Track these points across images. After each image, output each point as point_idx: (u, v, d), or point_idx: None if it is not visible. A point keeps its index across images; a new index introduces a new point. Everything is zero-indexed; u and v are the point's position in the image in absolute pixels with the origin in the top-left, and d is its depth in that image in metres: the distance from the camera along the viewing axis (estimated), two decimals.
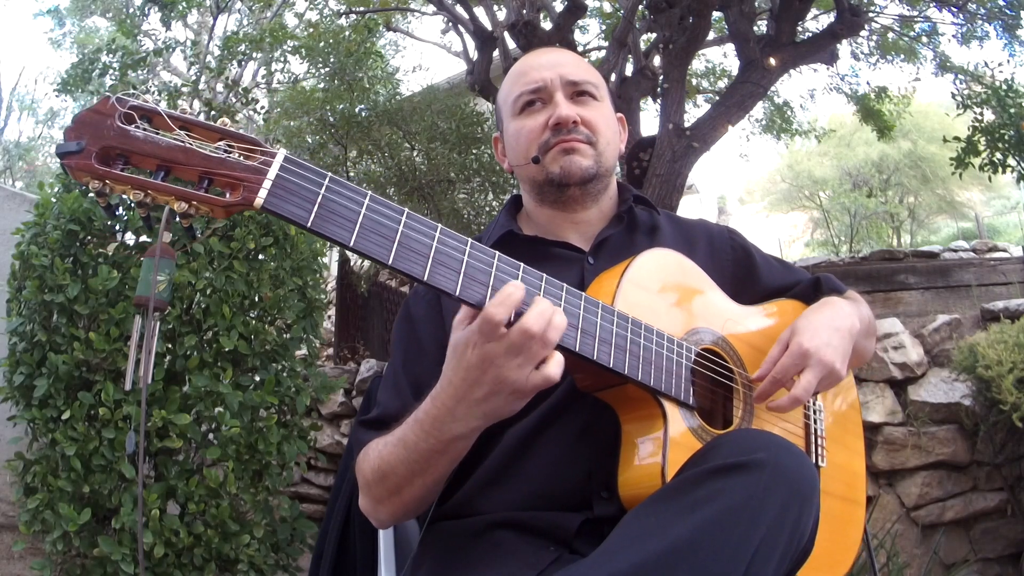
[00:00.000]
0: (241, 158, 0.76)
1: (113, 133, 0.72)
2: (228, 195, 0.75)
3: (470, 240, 0.84)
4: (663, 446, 0.92)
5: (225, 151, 0.76)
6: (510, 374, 0.82)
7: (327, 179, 0.78)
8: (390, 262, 0.78)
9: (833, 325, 1.08)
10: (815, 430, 1.17)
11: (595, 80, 1.20)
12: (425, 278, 0.80)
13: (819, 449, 1.16)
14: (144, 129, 0.74)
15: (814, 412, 1.18)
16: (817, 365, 1.01)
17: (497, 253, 0.86)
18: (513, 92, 1.20)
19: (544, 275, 0.88)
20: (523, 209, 1.27)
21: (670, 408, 0.96)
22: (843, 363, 1.05)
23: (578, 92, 1.17)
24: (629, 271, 1.00)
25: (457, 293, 0.81)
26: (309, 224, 0.75)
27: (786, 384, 1.02)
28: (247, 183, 0.75)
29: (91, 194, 2.35)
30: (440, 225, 0.83)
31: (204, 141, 0.76)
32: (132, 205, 2.34)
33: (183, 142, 0.74)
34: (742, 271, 1.25)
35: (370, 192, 0.80)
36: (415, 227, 0.81)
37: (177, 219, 0.76)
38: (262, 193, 0.74)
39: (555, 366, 0.83)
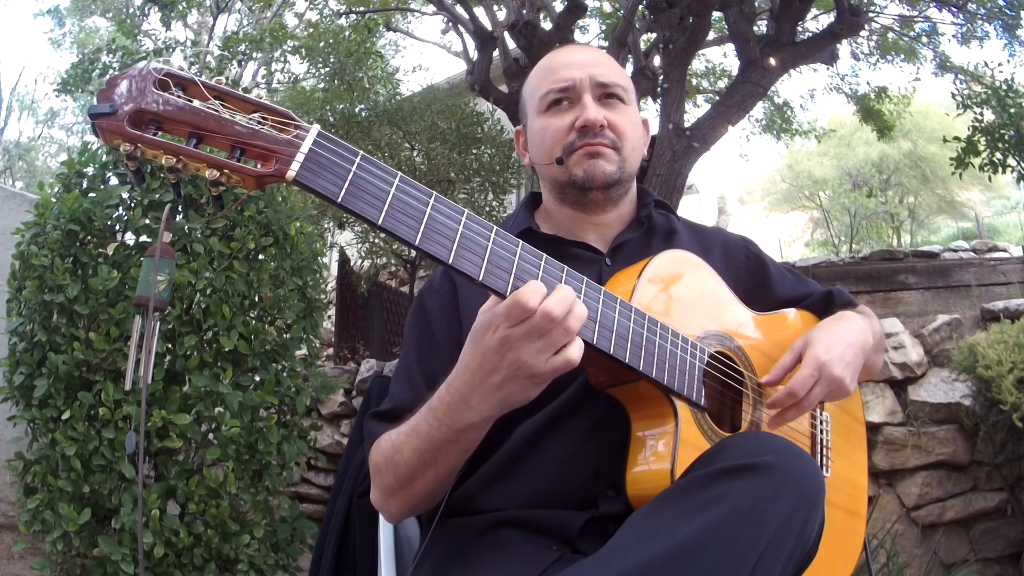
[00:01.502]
0: (275, 131, 0.75)
1: (147, 98, 0.72)
2: (260, 166, 0.75)
3: (495, 227, 0.84)
4: (673, 445, 0.92)
5: (259, 123, 0.75)
6: (529, 359, 0.81)
7: (359, 157, 0.78)
8: (417, 243, 0.78)
9: (847, 340, 1.08)
10: (821, 440, 1.17)
11: (624, 83, 1.18)
12: (450, 261, 0.80)
13: (824, 459, 1.16)
14: (179, 96, 0.73)
15: (821, 422, 1.18)
16: (826, 379, 1.02)
17: (521, 242, 0.86)
18: (541, 88, 1.18)
19: (565, 267, 0.88)
20: (541, 206, 1.27)
21: (681, 408, 0.96)
22: (853, 379, 1.06)
23: (607, 94, 1.16)
24: (646, 270, 1.01)
25: (480, 278, 0.81)
26: (340, 200, 0.75)
27: (801, 396, 1.02)
28: (280, 155, 0.75)
29: (91, 194, 2.33)
30: (466, 210, 0.83)
31: (238, 112, 0.75)
32: (133, 205, 2.33)
33: (217, 111, 0.74)
34: (755, 280, 1.26)
35: (400, 173, 0.80)
36: (442, 210, 0.81)
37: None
38: (294, 166, 0.74)
39: (575, 349, 0.83)
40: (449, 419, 0.89)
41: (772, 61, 4.58)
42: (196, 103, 0.74)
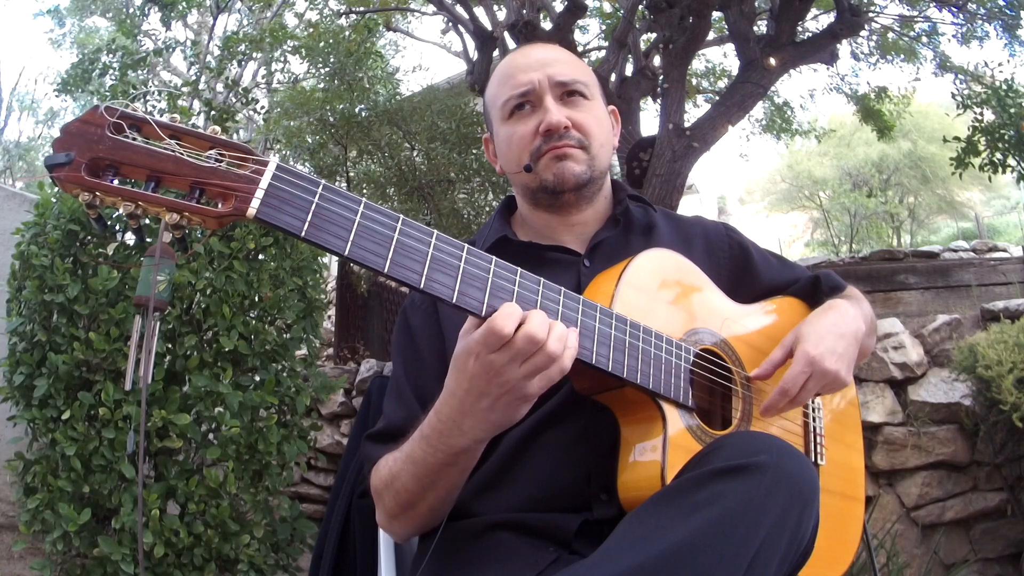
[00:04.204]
0: (233, 167, 0.75)
1: (102, 143, 0.71)
2: (220, 205, 0.74)
3: (466, 246, 0.84)
4: (662, 448, 0.92)
5: (216, 160, 0.74)
6: (516, 383, 0.82)
7: (320, 187, 0.77)
8: (386, 270, 0.77)
9: (838, 331, 1.07)
10: (814, 428, 1.17)
11: (584, 78, 1.15)
12: (421, 286, 0.79)
13: (818, 447, 1.16)
14: (133, 139, 0.72)
15: (813, 410, 1.18)
16: (820, 374, 1.01)
17: (494, 259, 0.85)
18: (501, 96, 1.15)
19: (541, 279, 0.88)
20: (517, 212, 1.26)
21: (669, 410, 0.95)
22: (848, 370, 1.05)
23: (568, 93, 1.12)
24: (626, 273, 1.00)
25: (453, 300, 0.81)
26: (303, 234, 0.74)
27: (795, 394, 1.01)
28: (239, 193, 0.74)
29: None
30: (436, 231, 0.82)
31: (195, 150, 0.74)
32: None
33: (173, 151, 0.73)
34: (739, 268, 1.24)
35: (364, 199, 0.79)
36: (410, 234, 0.80)
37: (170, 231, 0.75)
38: (254, 203, 0.73)
39: (557, 369, 0.83)
40: (443, 445, 0.89)
41: (772, 61, 4.57)
42: (152, 144, 0.73)
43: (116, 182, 0.72)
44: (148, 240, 2.24)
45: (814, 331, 1.06)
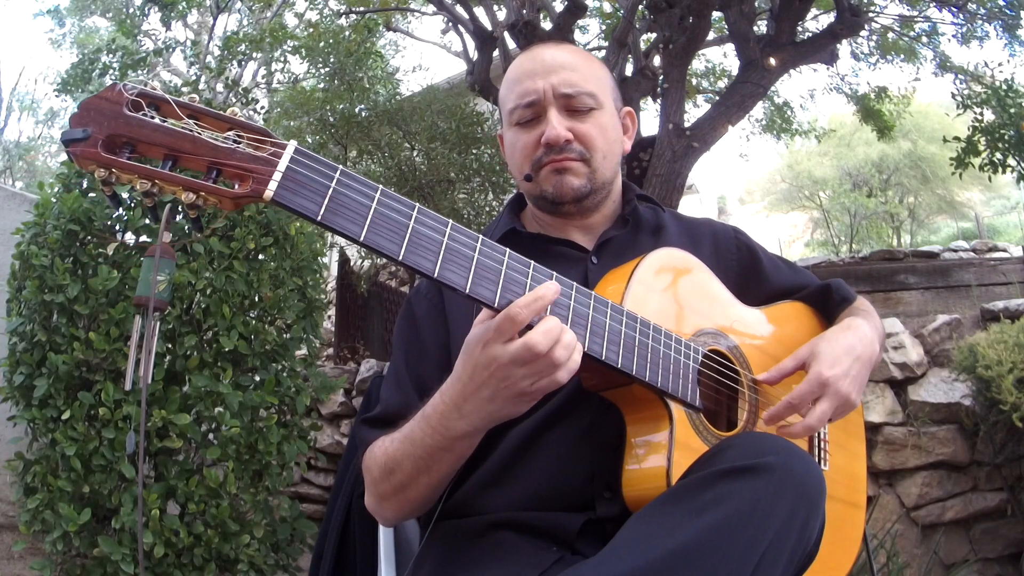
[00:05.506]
0: (251, 149, 0.74)
1: (120, 120, 0.71)
2: (237, 186, 0.74)
3: (481, 237, 0.84)
4: (668, 447, 0.92)
5: (235, 141, 0.74)
6: (516, 380, 0.82)
7: (338, 172, 0.77)
8: (400, 257, 0.77)
9: (854, 353, 1.06)
10: (818, 433, 1.17)
11: (591, 86, 1.13)
12: (435, 274, 0.79)
13: (822, 452, 1.16)
14: (152, 117, 0.72)
15: None
16: (833, 396, 1.01)
17: (508, 251, 0.85)
18: (508, 102, 1.16)
19: (554, 274, 0.88)
20: (527, 208, 1.26)
21: (676, 409, 0.95)
22: (859, 394, 1.05)
23: (573, 103, 1.12)
24: (638, 271, 1.00)
25: (467, 290, 0.81)
26: (319, 218, 0.74)
27: (801, 410, 1.01)
28: (256, 174, 0.73)
29: (91, 194, 2.35)
30: (451, 221, 0.82)
31: (213, 131, 0.74)
32: (132, 204, 2.34)
33: (191, 131, 0.73)
34: (747, 271, 1.25)
35: (381, 186, 0.79)
36: (426, 223, 0.80)
37: (180, 213, 0.75)
38: (272, 185, 0.73)
39: (564, 372, 0.83)
40: (442, 427, 0.90)
41: (772, 61, 4.57)
42: (170, 123, 0.72)
43: (133, 159, 0.71)
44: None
45: (831, 351, 1.05)
